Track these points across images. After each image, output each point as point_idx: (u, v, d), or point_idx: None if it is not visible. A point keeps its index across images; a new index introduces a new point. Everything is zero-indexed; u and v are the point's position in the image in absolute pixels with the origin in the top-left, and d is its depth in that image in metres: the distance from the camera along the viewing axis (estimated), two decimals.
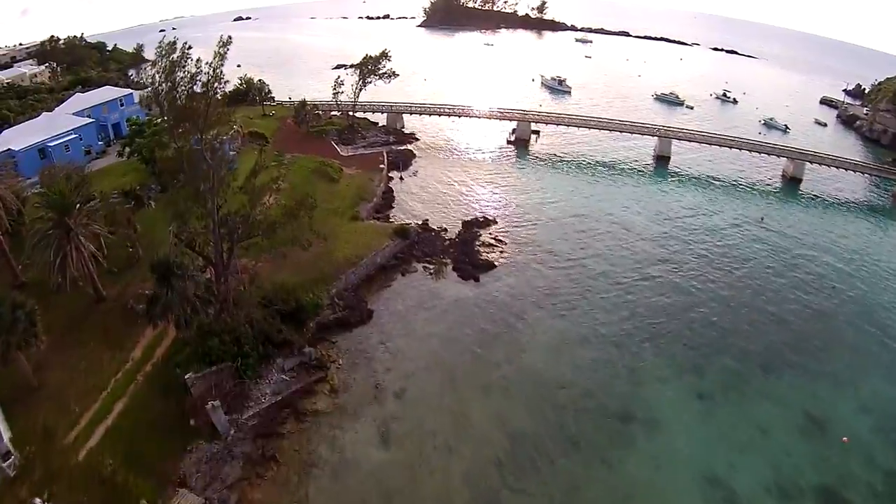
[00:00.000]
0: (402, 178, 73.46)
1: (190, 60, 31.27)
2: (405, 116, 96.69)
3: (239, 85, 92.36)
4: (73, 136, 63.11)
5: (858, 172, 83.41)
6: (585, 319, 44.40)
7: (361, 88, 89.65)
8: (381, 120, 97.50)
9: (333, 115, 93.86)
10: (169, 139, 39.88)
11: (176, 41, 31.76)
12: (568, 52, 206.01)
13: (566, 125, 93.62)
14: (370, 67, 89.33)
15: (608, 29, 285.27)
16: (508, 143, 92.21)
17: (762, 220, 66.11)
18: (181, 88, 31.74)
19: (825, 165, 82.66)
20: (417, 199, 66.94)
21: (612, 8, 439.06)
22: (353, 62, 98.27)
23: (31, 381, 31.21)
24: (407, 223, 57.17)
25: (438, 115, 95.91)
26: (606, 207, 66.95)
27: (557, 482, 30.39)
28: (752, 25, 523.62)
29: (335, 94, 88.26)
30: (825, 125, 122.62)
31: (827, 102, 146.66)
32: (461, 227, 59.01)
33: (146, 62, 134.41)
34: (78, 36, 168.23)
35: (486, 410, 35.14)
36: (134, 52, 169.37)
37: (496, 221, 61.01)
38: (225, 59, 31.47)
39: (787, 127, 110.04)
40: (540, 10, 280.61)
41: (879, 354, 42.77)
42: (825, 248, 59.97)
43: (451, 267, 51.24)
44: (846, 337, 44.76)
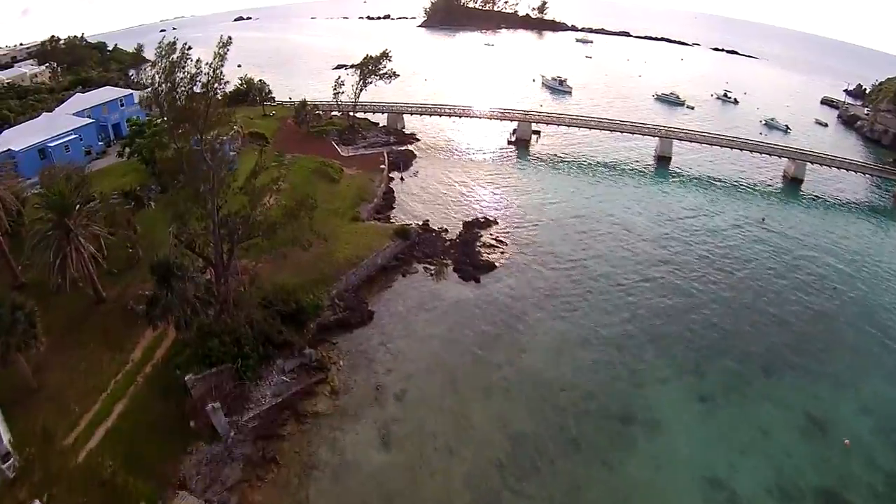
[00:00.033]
0: (402, 178, 73.34)
1: (190, 61, 31.28)
2: (406, 117, 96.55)
3: (239, 85, 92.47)
4: (73, 136, 63.01)
5: (860, 173, 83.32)
6: (586, 321, 44.32)
7: (362, 89, 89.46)
8: (381, 120, 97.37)
9: (334, 115, 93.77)
10: (169, 140, 39.83)
11: (176, 41, 31.77)
12: (568, 52, 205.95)
13: (567, 125, 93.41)
14: (371, 68, 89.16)
15: (609, 29, 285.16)
16: (509, 143, 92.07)
17: (763, 220, 66.01)
18: (181, 89, 31.74)
19: (826, 166, 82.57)
20: (418, 199, 66.83)
21: (612, 8, 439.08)
22: (353, 62, 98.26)
23: (30, 382, 31.18)
24: (407, 224, 57.01)
25: (439, 115, 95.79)
26: (607, 208, 66.86)
27: (558, 483, 30.37)
28: (752, 25, 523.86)
29: (336, 94, 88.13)
30: (826, 125, 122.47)
31: (828, 103, 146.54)
32: (462, 227, 58.89)
33: (147, 62, 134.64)
34: (78, 36, 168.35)
35: (486, 412, 35.08)
36: (134, 52, 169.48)
37: (497, 222, 60.90)
38: (225, 59, 31.41)
39: (788, 127, 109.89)
40: (540, 10, 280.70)
41: (880, 356, 42.71)
42: (826, 249, 59.88)
43: (451, 268, 51.16)
44: (847, 338, 44.69)
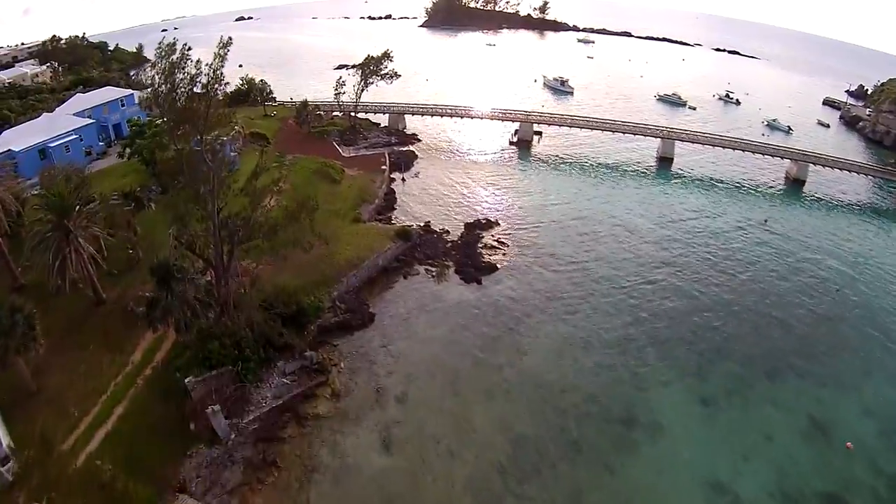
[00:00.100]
0: (403, 179, 73.13)
1: (190, 61, 31.05)
2: (407, 117, 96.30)
3: (240, 85, 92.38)
4: (73, 136, 62.92)
5: (862, 174, 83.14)
6: (588, 323, 44.12)
7: (363, 89, 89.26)
8: (382, 121, 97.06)
9: (335, 115, 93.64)
10: (169, 141, 39.69)
11: (175, 42, 31.55)
12: (570, 52, 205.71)
13: (569, 126, 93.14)
14: (372, 68, 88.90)
15: (610, 29, 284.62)
16: (511, 144, 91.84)
17: (766, 222, 65.79)
18: (181, 90, 31.54)
19: (828, 167, 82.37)
20: (419, 200, 66.63)
21: (613, 8, 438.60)
22: (354, 62, 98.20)
23: (29, 384, 31.05)
24: (409, 225, 56.80)
25: (440, 115, 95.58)
26: (609, 210, 66.65)
27: (560, 487, 30.19)
28: (752, 26, 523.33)
29: (337, 94, 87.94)
30: (828, 126, 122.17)
31: (829, 103, 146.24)
32: (463, 229, 58.67)
33: (148, 62, 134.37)
34: (80, 36, 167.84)
35: (488, 414, 34.90)
36: (135, 52, 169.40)
37: (498, 223, 60.69)
38: (225, 60, 31.19)
39: (790, 128, 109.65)
40: (542, 10, 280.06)
41: (883, 358, 42.49)
42: (829, 251, 59.66)
43: (453, 269, 50.97)
44: (850, 341, 44.46)
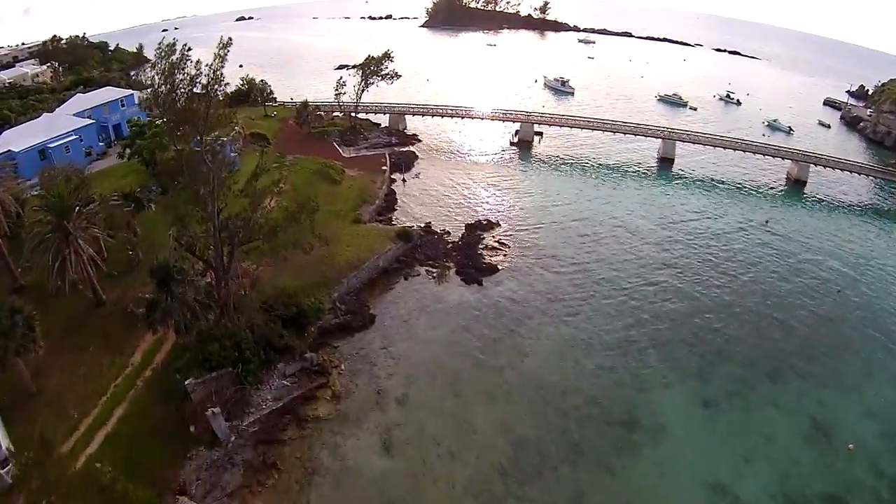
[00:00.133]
0: (404, 179, 73.02)
1: (189, 62, 30.92)
2: (407, 117, 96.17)
3: (241, 85, 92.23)
4: (73, 137, 62.76)
5: (863, 175, 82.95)
6: (589, 325, 44.00)
7: (364, 89, 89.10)
8: (383, 121, 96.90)
9: (335, 116, 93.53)
10: (169, 141, 39.58)
11: (175, 42, 31.42)
12: (571, 52, 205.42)
13: (569, 127, 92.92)
14: (372, 68, 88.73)
15: (611, 29, 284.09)
16: (511, 144, 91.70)
17: (767, 223, 65.65)
18: (180, 90, 31.41)
19: (830, 168, 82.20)
20: (420, 201, 66.52)
21: (613, 8, 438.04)
22: (355, 63, 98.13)
23: (29, 386, 30.99)
24: (409, 226, 56.67)
25: (441, 116, 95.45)
26: (610, 211, 66.51)
27: (561, 489, 30.11)
28: (753, 26, 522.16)
29: (337, 94, 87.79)
30: (829, 127, 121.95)
31: (830, 104, 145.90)
32: (464, 230, 58.54)
33: (148, 62, 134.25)
34: (80, 35, 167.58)
35: (489, 416, 34.81)
36: (136, 52, 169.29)
37: (499, 224, 60.57)
38: (225, 60, 31.11)
39: (790, 128, 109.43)
40: (542, 10, 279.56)
41: (885, 360, 42.36)
42: (830, 252, 59.50)
43: (453, 270, 50.86)
44: (852, 343, 44.35)
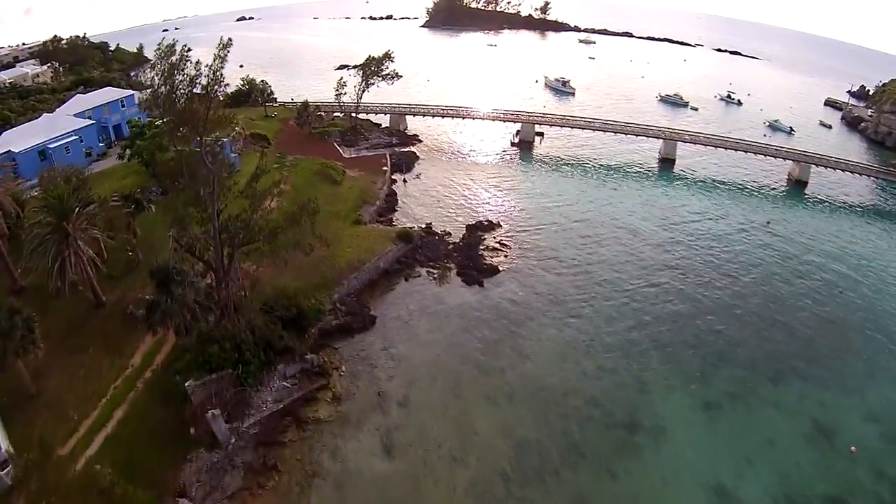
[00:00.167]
0: (405, 180, 72.88)
1: (189, 63, 30.74)
2: (408, 118, 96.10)
3: (241, 86, 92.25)
4: (73, 137, 62.58)
5: (864, 175, 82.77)
6: (591, 326, 43.87)
7: (364, 89, 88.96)
8: (383, 121, 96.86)
9: (336, 116, 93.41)
10: (168, 142, 39.45)
11: (175, 43, 31.24)
12: (571, 52, 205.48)
13: (570, 127, 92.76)
14: (373, 68, 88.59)
15: (611, 30, 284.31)
16: (512, 145, 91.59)
17: (768, 224, 65.47)
18: (180, 91, 31.25)
19: (831, 168, 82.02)
20: (420, 202, 66.39)
21: (614, 9, 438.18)
22: (355, 63, 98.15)
23: (29, 388, 30.87)
24: (410, 227, 56.51)
25: (442, 116, 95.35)
26: (612, 212, 66.35)
27: (563, 492, 30.01)
28: (753, 26, 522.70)
29: (338, 95, 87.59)
30: (830, 127, 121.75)
31: (831, 104, 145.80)
32: (465, 230, 58.41)
33: (148, 62, 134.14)
34: (81, 36, 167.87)
35: (490, 419, 34.68)
36: (136, 52, 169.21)
37: (500, 225, 60.41)
38: (225, 61, 30.86)
39: (791, 129, 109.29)
40: (543, 10, 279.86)
41: (887, 362, 42.20)
42: (832, 253, 59.29)
43: (454, 272, 50.73)
44: (854, 344, 44.20)
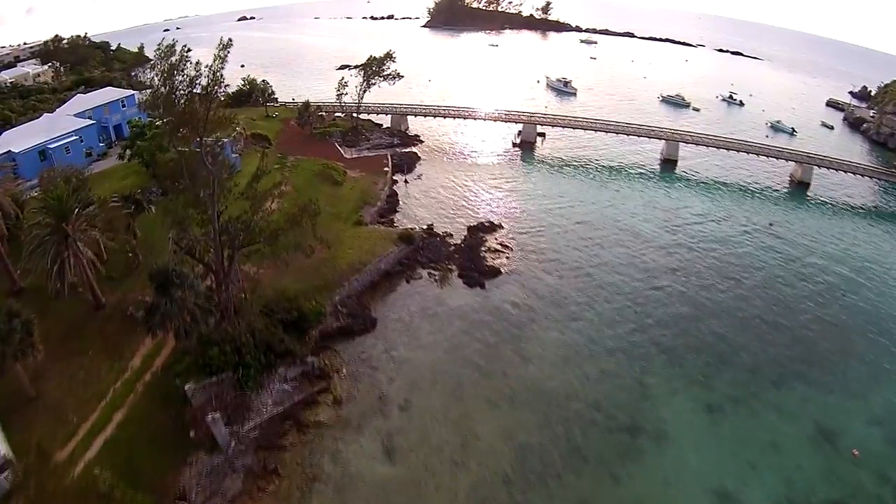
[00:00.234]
0: (406, 181, 72.65)
1: (189, 63, 30.50)
2: (409, 118, 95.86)
3: (242, 86, 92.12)
4: (73, 137, 62.40)
5: (867, 177, 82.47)
6: (593, 329, 43.63)
7: (365, 90, 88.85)
8: (385, 122, 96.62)
9: (337, 116, 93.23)
10: (168, 143, 39.22)
11: (175, 43, 31.01)
12: (573, 53, 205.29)
13: (572, 128, 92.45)
14: (374, 68, 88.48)
15: (613, 30, 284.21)
16: (514, 145, 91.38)
17: (771, 225, 65.22)
18: (180, 92, 31.02)
19: (833, 169, 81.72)
20: (421, 203, 66.16)
21: (614, 9, 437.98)
22: (357, 63, 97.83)
23: (28, 390, 30.69)
24: (411, 228, 56.23)
25: (443, 116, 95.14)
26: (614, 214, 66.06)
27: (565, 497, 29.83)
28: (754, 26, 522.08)
29: (339, 95, 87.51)
30: (832, 128, 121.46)
31: (833, 105, 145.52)
32: (466, 232, 58.15)
33: (149, 62, 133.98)
34: (82, 35, 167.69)
35: (492, 423, 34.47)
36: (137, 51, 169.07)
37: (502, 227, 60.16)
38: (225, 61, 30.64)
39: (793, 130, 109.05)
40: (544, 10, 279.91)
41: (891, 365, 41.92)
42: (835, 255, 59.00)
43: (456, 273, 50.47)
44: (857, 347, 43.94)
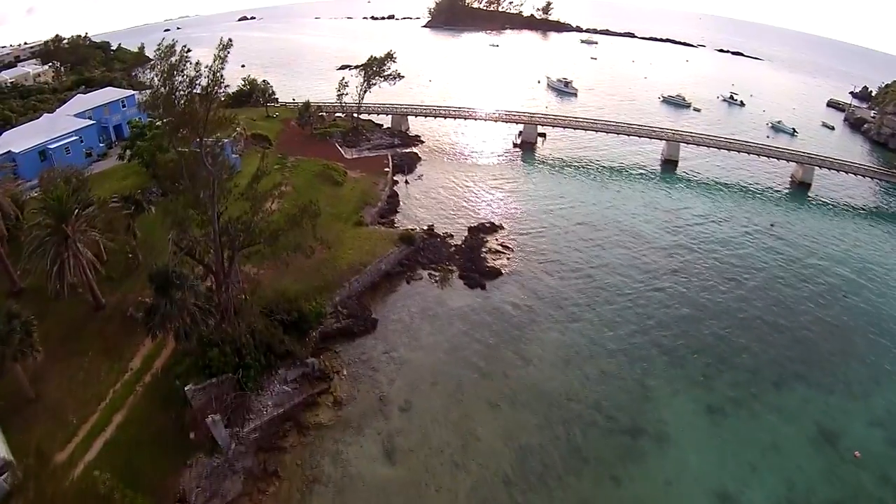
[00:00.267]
0: (406, 181, 72.56)
1: (189, 63, 30.40)
2: (410, 119, 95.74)
3: (242, 86, 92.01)
4: (73, 137, 62.28)
5: (868, 177, 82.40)
6: (593, 331, 43.57)
7: (366, 90, 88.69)
8: (385, 122, 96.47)
9: (338, 116, 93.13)
10: (168, 143, 39.13)
11: (175, 43, 30.92)
12: (573, 53, 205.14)
13: (573, 128, 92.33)
14: (375, 69, 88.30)
15: (613, 30, 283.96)
16: (514, 146, 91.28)
17: (772, 226, 65.14)
18: (180, 92, 30.93)
19: (834, 170, 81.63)
20: (422, 203, 66.07)
21: (615, 9, 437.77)
22: (357, 63, 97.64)
23: (28, 392, 30.66)
24: (412, 229, 56.11)
25: (444, 117, 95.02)
26: (614, 215, 65.95)
27: (566, 498, 29.79)
28: (754, 26, 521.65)
29: (339, 95, 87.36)
30: (833, 128, 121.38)
31: (834, 105, 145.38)
32: (467, 233, 58.07)
33: (150, 62, 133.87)
34: (82, 35, 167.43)
35: (492, 424, 34.41)
36: (138, 51, 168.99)
37: (502, 227, 60.08)
38: (225, 61, 30.54)
39: (794, 130, 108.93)
40: (545, 10, 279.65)
41: (892, 366, 41.87)
42: (836, 256, 58.92)
43: (456, 274, 50.39)
44: (858, 348, 43.90)
